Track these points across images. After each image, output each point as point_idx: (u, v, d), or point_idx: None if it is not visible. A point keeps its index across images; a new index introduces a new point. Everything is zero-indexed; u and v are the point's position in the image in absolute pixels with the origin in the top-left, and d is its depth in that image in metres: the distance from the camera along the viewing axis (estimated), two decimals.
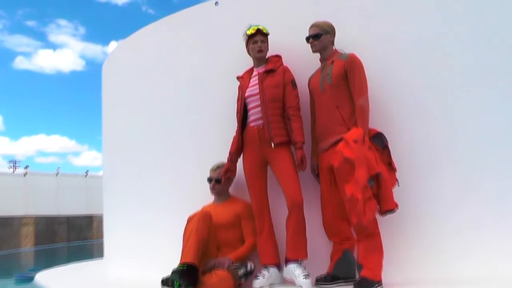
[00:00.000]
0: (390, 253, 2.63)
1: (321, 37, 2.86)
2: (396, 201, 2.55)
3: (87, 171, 23.49)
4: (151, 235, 3.71)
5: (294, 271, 2.74)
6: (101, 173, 5.45)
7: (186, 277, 2.59)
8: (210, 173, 3.21)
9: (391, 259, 2.64)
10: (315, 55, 2.93)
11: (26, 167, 22.37)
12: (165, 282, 2.65)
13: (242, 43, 3.10)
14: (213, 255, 2.97)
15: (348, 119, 2.70)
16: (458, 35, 2.95)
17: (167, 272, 2.66)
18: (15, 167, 27.62)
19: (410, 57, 2.99)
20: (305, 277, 2.68)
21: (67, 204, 20.42)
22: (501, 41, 2.90)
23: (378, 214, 2.55)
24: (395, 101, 2.95)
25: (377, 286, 2.48)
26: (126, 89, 4.28)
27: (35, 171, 21.36)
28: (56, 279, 4.51)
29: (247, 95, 3.00)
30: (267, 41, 3.04)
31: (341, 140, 2.62)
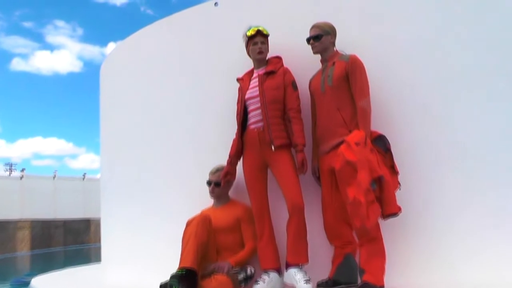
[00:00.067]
0: (392, 257, 2.59)
1: (321, 38, 2.84)
2: (399, 204, 2.52)
3: (84, 174, 23.53)
4: (149, 239, 3.69)
5: (295, 275, 2.70)
6: (99, 176, 5.42)
7: (185, 282, 2.57)
8: (209, 176, 3.19)
9: (393, 263, 2.61)
10: (316, 56, 2.91)
11: (22, 170, 22.40)
12: (164, 287, 2.63)
13: (241, 44, 3.08)
14: (213, 259, 2.95)
15: (349, 121, 2.68)
16: (458, 35, 2.94)
17: (166, 276, 2.65)
18: (11, 170, 27.51)
19: (410, 57, 2.98)
20: (306, 282, 2.65)
21: (64, 207, 20.39)
22: (501, 41, 2.89)
23: (380, 218, 2.52)
24: (396, 102, 2.93)
25: None
26: (124, 91, 4.26)
27: (31, 174, 21.35)
28: (52, 284, 4.49)
29: (247, 97, 2.98)
30: (267, 42, 3.02)
31: (342, 142, 2.59)
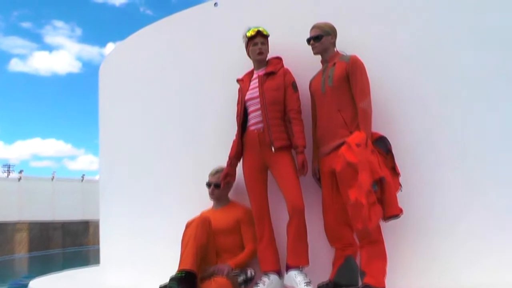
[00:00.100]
0: (393, 259, 2.58)
1: (322, 38, 2.83)
2: (400, 206, 2.50)
3: (83, 175, 23.53)
4: (148, 241, 3.67)
5: (295, 278, 2.69)
6: (98, 177, 5.40)
7: (184, 284, 2.57)
8: (209, 177, 3.17)
9: (395, 266, 2.59)
10: (316, 57, 2.90)
11: (20, 171, 22.37)
12: None
13: (241, 44, 3.06)
14: (212, 261, 2.94)
15: (350, 122, 2.67)
16: (458, 35, 2.93)
17: (165, 279, 2.63)
18: (9, 172, 27.49)
19: (410, 57, 2.96)
20: (307, 284, 2.64)
21: (63, 209, 20.39)
22: (501, 41, 2.88)
23: (381, 219, 2.50)
24: (396, 102, 2.91)
25: None
26: (123, 92, 4.25)
27: (29, 176, 21.35)
28: (50, 287, 4.46)
29: (247, 98, 2.96)
30: (267, 43, 3.01)
31: (343, 144, 2.58)
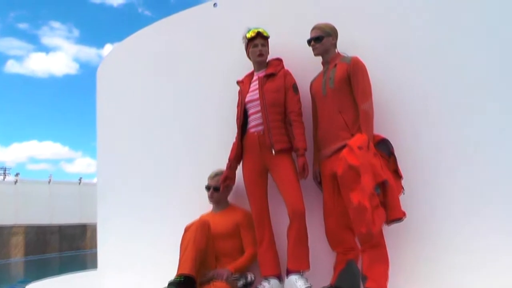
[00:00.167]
0: (396, 264, 2.54)
1: (323, 39, 2.80)
2: (403, 209, 2.48)
3: (80, 178, 23.44)
4: (147, 245, 3.65)
5: (295, 282, 2.66)
6: (95, 180, 5.37)
7: None
8: (208, 180, 3.14)
9: (397, 270, 2.55)
10: (317, 58, 2.87)
11: (16, 174, 22.28)
12: None
13: (241, 45, 3.04)
14: (212, 266, 2.91)
15: (351, 124, 2.64)
16: (458, 35, 2.90)
17: (164, 283, 2.60)
18: (5, 175, 27.40)
19: (411, 58, 2.94)
20: None
21: (60, 212, 20.32)
22: (501, 41, 2.86)
23: (384, 223, 2.47)
24: (397, 103, 2.88)
25: None
26: (122, 94, 4.24)
27: (26, 179, 21.29)
28: None
29: (247, 100, 2.94)
30: (267, 44, 2.98)
31: (344, 146, 2.55)
